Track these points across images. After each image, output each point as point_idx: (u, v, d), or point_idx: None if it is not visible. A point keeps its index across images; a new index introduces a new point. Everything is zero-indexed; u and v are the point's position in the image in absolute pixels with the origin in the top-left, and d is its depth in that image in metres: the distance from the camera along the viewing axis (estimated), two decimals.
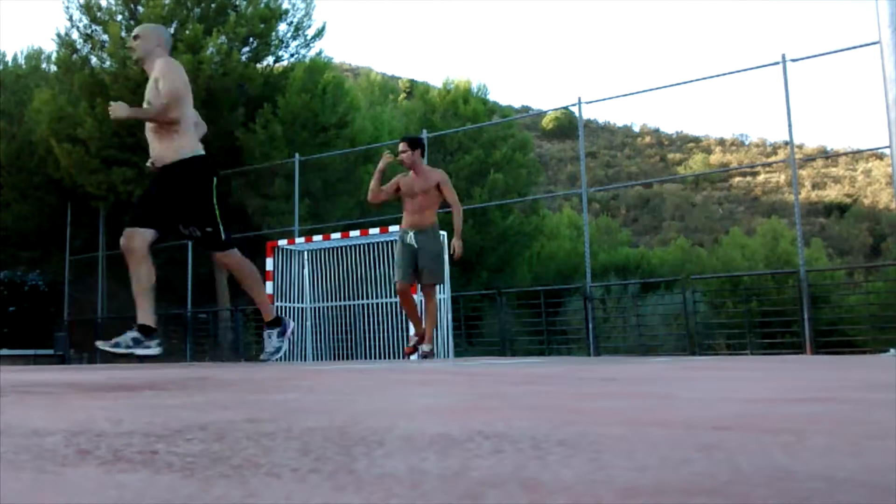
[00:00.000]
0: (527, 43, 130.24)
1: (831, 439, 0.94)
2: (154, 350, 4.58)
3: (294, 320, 9.60)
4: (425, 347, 6.10)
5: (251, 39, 14.45)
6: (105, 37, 14.26)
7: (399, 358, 8.80)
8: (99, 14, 14.46)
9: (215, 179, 4.56)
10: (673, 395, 1.86)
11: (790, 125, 8.84)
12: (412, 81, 41.31)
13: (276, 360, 4.91)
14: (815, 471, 0.70)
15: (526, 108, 56.33)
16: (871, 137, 78.43)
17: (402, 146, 6.18)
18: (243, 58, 14.16)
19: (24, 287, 15.70)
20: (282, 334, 4.91)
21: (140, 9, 14.19)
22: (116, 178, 13.79)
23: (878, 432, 1.02)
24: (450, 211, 6.33)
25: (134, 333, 4.53)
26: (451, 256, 6.40)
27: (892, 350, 9.05)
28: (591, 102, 10.86)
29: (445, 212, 6.62)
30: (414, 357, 6.35)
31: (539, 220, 20.72)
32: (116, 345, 4.57)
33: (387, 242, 9.19)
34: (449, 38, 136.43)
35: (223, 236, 4.67)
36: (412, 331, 6.54)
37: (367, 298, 9.52)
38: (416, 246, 6.11)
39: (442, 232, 7.66)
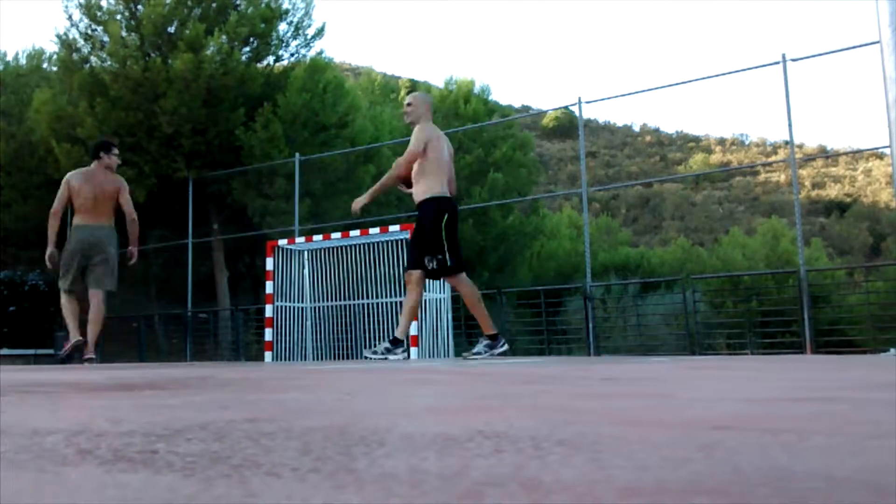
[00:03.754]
0: (527, 43, 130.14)
1: (831, 439, 0.94)
2: (399, 356, 5.55)
3: (294, 320, 9.62)
4: None
5: (252, 39, 14.46)
6: (105, 37, 14.25)
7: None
8: (99, 14, 14.45)
9: (446, 216, 5.44)
10: (673, 395, 1.86)
11: (790, 125, 8.83)
12: (413, 81, 41.29)
13: (473, 358, 5.61)
14: (815, 470, 0.70)
15: (526, 108, 56.31)
16: (871, 137, 78.39)
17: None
18: (244, 57, 14.17)
19: (24, 287, 15.70)
20: (490, 347, 5.67)
21: (140, 8, 14.19)
22: None
23: (878, 432, 1.02)
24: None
25: (386, 344, 5.64)
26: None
27: (892, 350, 9.05)
28: (591, 102, 10.85)
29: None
30: None
31: (539, 219, 20.72)
32: (374, 352, 5.62)
33: (387, 242, 9.19)
34: (449, 37, 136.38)
35: (449, 262, 5.44)
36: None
37: (367, 298, 9.51)
38: None
39: None
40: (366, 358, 5.76)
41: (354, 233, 9.24)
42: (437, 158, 5.65)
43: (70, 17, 14.63)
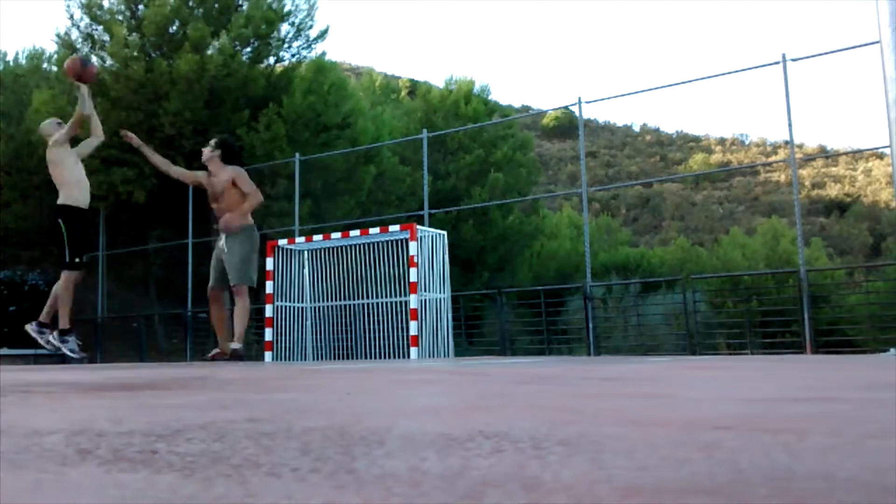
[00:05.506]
0: (527, 43, 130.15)
1: (831, 439, 0.94)
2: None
3: (294, 320, 9.62)
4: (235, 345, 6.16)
5: (254, 40, 14.46)
6: (106, 37, 14.25)
7: (398, 357, 8.81)
8: (100, 14, 14.45)
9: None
10: (673, 395, 1.86)
11: (790, 125, 8.83)
12: (413, 81, 41.31)
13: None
14: (815, 470, 0.70)
15: (526, 108, 56.27)
16: (871, 137, 78.40)
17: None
18: (245, 58, 14.17)
19: (24, 287, 15.70)
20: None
21: (142, 8, 14.18)
22: (116, 178, 13.79)
23: (878, 432, 1.02)
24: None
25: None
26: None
27: (892, 350, 9.06)
28: (591, 102, 10.84)
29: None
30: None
31: (539, 219, 20.73)
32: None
33: (387, 242, 9.18)
34: (450, 37, 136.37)
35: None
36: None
37: (367, 298, 9.51)
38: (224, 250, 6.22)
39: None
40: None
41: (354, 233, 9.24)
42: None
43: (71, 17, 14.63)
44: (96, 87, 13.84)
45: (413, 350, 8.04)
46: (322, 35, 15.48)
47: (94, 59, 14.53)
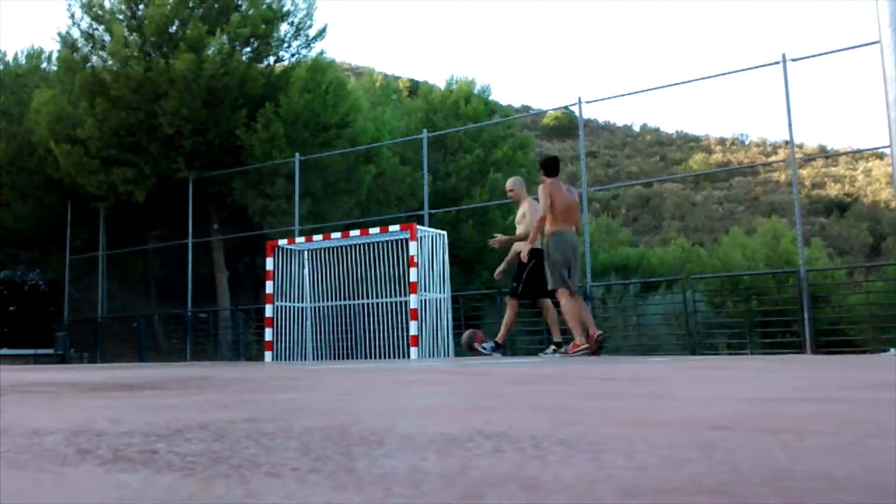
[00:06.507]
0: (527, 43, 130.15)
1: (831, 439, 0.94)
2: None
3: (294, 320, 9.62)
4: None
5: (252, 40, 14.45)
6: (106, 36, 14.25)
7: (398, 357, 8.81)
8: (100, 13, 14.45)
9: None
10: (673, 395, 1.86)
11: (790, 124, 8.83)
12: (413, 81, 41.32)
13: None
14: (815, 470, 0.70)
15: (526, 108, 56.23)
16: (871, 137, 78.40)
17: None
18: (244, 58, 14.16)
19: (24, 287, 15.71)
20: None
21: (142, 7, 14.18)
22: (116, 178, 13.79)
23: (878, 432, 1.02)
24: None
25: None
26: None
27: (892, 350, 9.06)
28: (591, 102, 10.84)
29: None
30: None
31: None
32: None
33: (387, 242, 9.18)
34: (450, 37, 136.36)
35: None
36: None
37: (367, 298, 9.51)
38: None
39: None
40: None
41: (354, 233, 9.24)
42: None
43: (72, 16, 14.63)
44: (96, 86, 13.85)
45: (413, 350, 8.04)
46: (321, 34, 15.48)
47: (94, 58, 14.54)
